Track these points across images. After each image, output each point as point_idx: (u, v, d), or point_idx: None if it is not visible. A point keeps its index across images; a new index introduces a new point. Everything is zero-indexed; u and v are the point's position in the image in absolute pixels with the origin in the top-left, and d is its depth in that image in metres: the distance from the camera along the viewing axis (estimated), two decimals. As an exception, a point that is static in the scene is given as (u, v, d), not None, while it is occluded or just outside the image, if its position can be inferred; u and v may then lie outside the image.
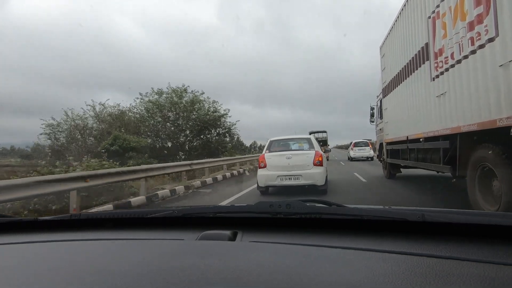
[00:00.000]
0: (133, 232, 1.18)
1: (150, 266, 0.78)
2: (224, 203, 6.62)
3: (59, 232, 1.19)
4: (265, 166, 7.28)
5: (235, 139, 26.73)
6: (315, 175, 6.97)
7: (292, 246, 0.90)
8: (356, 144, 23.80)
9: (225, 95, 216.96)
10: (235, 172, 14.40)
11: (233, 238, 0.98)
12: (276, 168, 7.13)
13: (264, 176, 7.25)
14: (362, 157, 22.86)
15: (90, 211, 5.03)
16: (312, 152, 7.25)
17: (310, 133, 21.81)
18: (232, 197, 7.52)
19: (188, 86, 21.72)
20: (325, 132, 26.66)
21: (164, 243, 1.02)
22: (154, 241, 1.05)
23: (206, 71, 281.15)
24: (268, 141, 8.12)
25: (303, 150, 7.56)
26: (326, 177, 7.32)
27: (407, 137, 7.19)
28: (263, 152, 7.81)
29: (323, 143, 24.39)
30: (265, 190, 7.40)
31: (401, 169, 9.47)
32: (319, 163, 7.06)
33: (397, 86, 8.05)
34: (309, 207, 1.11)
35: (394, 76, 8.21)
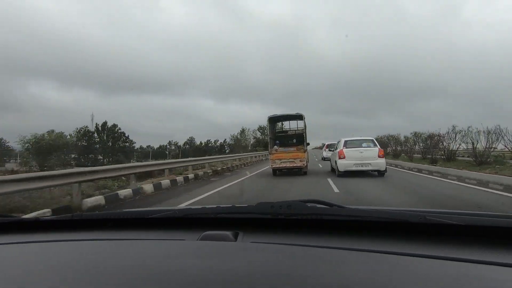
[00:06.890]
0: (134, 232, 1.17)
1: (151, 266, 0.78)
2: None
3: (60, 232, 1.20)
4: (344, 157, 11.47)
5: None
6: (379, 164, 11.40)
7: (293, 247, 0.91)
8: (328, 146, 27.51)
9: (180, 86, 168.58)
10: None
11: (234, 238, 0.98)
12: (352, 159, 11.39)
13: (344, 164, 11.42)
14: None
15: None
16: (377, 149, 11.67)
17: (270, 118, 13.97)
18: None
19: None
20: (300, 118, 14.27)
21: (165, 243, 1.03)
22: (155, 241, 1.05)
23: (152, 56, 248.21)
24: (343, 140, 12.19)
25: (370, 147, 11.77)
26: (385, 164, 11.72)
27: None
28: (340, 148, 11.88)
29: (297, 140, 15.16)
30: (343, 174, 11.43)
31: None
32: (381, 156, 11.52)
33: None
34: (310, 208, 1.10)
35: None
